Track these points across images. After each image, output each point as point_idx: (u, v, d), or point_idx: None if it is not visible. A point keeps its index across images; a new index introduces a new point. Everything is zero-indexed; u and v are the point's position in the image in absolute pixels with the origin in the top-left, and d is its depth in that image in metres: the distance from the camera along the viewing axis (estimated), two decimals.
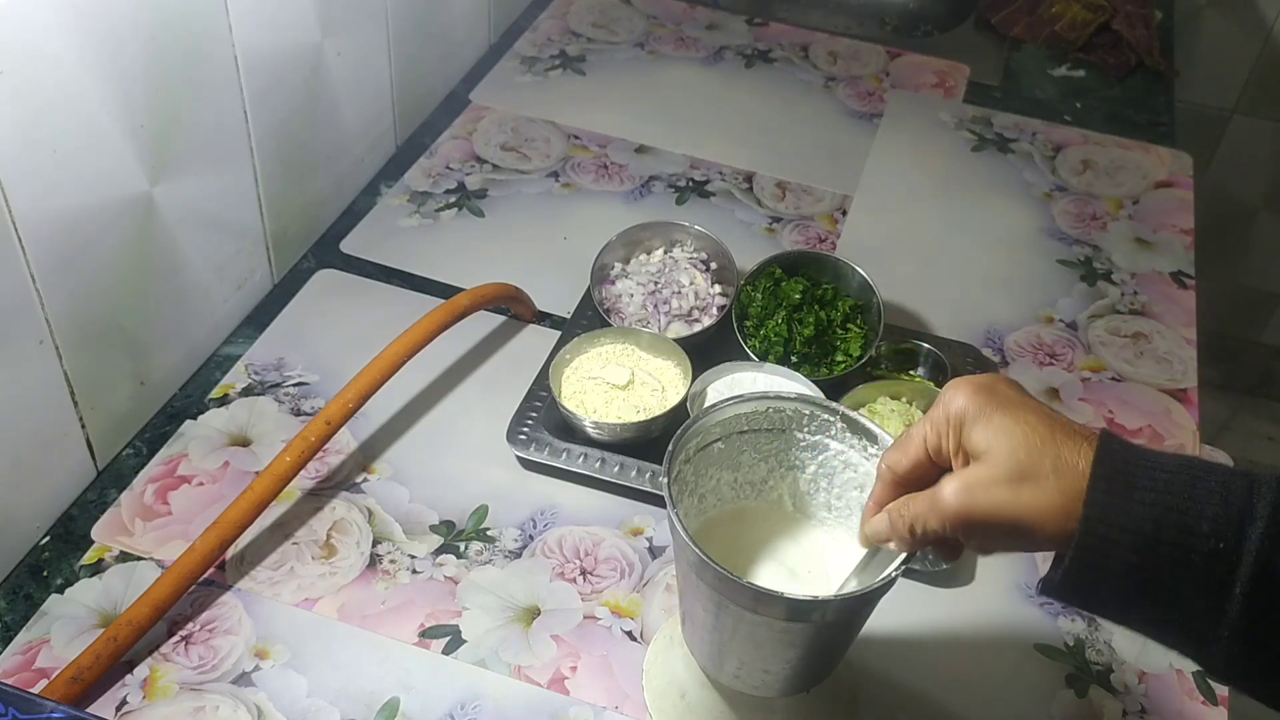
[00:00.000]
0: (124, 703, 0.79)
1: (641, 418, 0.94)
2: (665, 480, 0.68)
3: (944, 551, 0.65)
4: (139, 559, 0.87)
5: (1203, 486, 0.54)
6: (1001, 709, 0.83)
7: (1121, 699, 0.84)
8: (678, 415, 0.91)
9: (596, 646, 0.85)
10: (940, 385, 0.99)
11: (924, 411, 0.95)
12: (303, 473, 0.91)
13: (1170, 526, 0.53)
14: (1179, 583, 0.54)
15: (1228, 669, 0.55)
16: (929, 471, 0.63)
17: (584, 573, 0.89)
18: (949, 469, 0.62)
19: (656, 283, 1.05)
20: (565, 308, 1.10)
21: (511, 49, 1.46)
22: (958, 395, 0.60)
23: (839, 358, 1.00)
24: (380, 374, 0.92)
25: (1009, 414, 0.58)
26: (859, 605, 0.68)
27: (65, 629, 0.83)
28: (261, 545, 0.89)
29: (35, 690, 0.78)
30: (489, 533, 0.91)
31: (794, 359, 1.00)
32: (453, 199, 1.22)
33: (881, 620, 0.74)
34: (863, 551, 0.72)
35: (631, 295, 1.05)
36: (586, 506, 0.94)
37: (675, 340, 0.98)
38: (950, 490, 0.59)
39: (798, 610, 0.65)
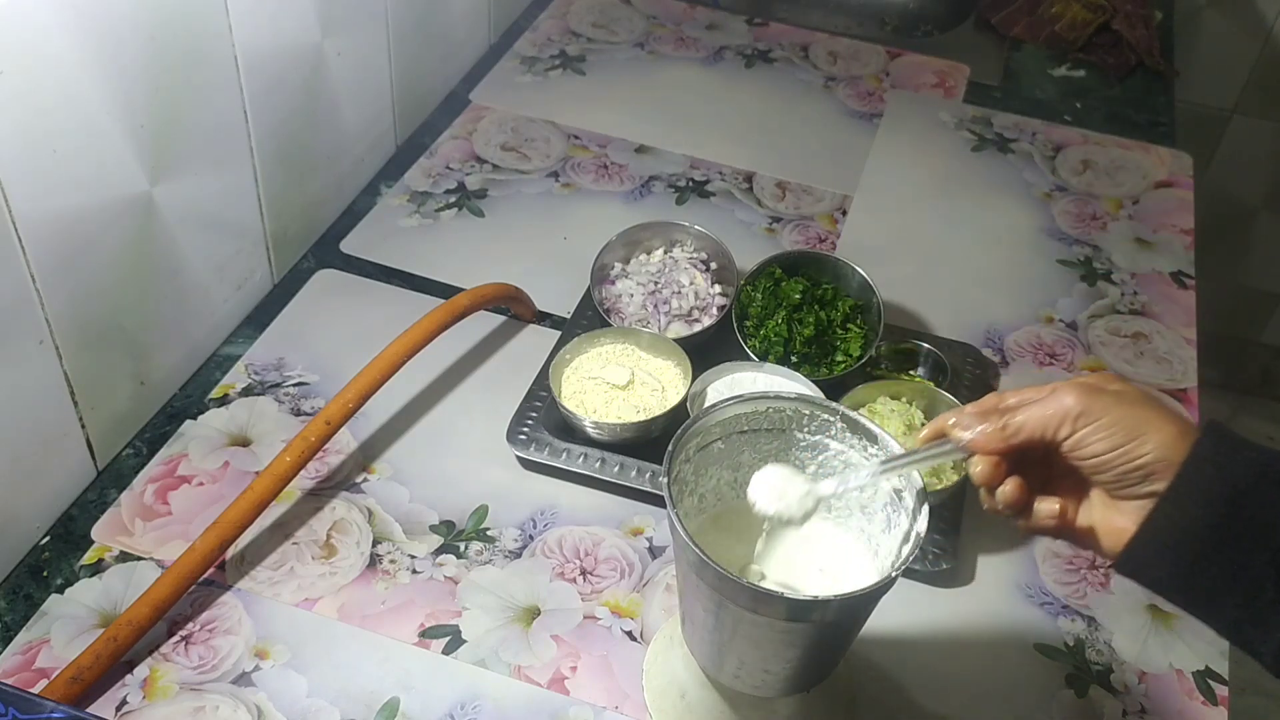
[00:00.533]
0: (124, 703, 0.79)
1: (641, 418, 0.94)
2: (665, 480, 0.68)
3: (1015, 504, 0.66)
4: (139, 559, 0.87)
5: None
6: (1001, 709, 0.83)
7: (1121, 699, 0.84)
8: (678, 415, 0.91)
9: (596, 646, 0.85)
10: (940, 385, 0.99)
11: (924, 411, 0.95)
12: (303, 473, 0.91)
13: (1269, 483, 0.57)
14: (1256, 551, 0.57)
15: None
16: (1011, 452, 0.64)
17: (584, 573, 0.89)
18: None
19: (656, 283, 1.05)
20: (565, 308, 1.10)
21: (511, 49, 1.46)
22: (1067, 392, 0.62)
23: (839, 358, 1.00)
24: (380, 374, 0.92)
25: (1114, 412, 0.62)
26: (859, 605, 0.68)
27: (65, 629, 0.83)
28: (261, 545, 0.89)
29: (35, 690, 0.78)
30: (489, 533, 0.91)
31: (794, 359, 1.00)
32: (453, 199, 1.22)
33: (881, 620, 0.74)
34: (864, 547, 0.73)
35: (631, 295, 1.05)
36: (586, 506, 0.94)
37: (675, 340, 0.98)
38: (1071, 388, 0.63)
39: (798, 610, 0.65)
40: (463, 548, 0.90)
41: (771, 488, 0.69)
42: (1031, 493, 0.65)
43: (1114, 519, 0.63)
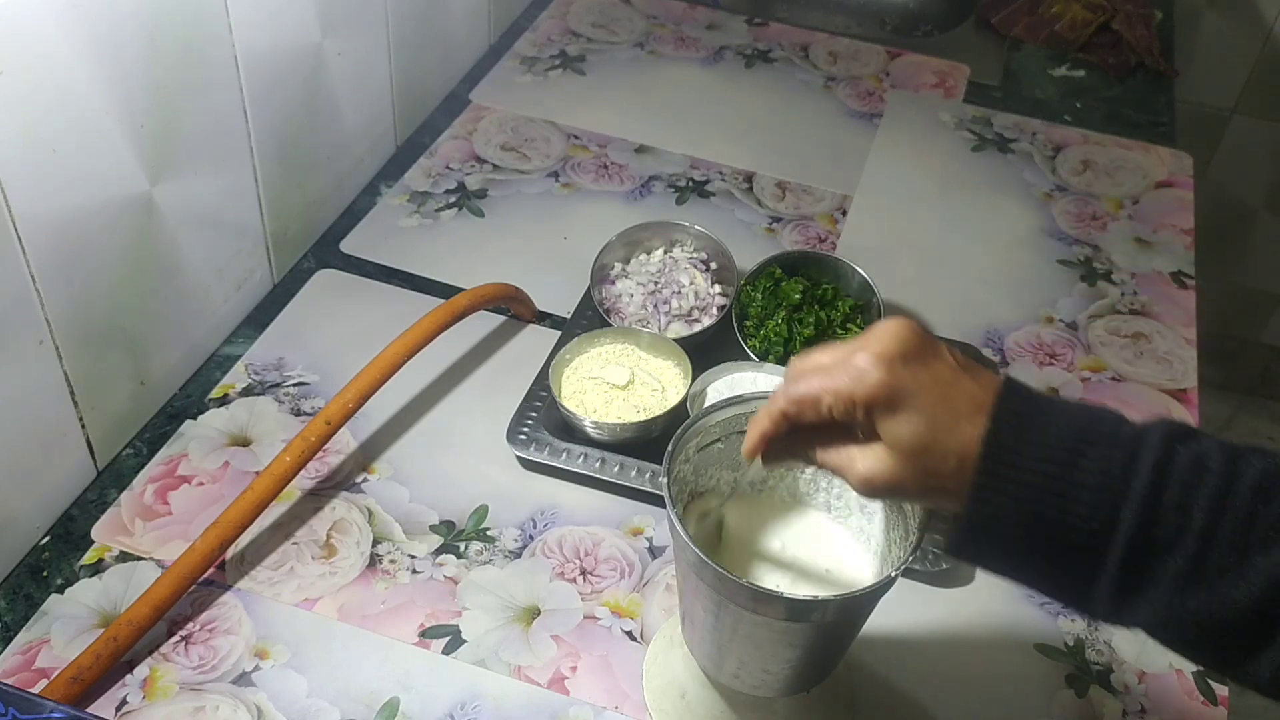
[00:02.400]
0: (124, 703, 0.79)
1: (641, 418, 0.94)
2: (665, 480, 0.68)
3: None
4: (139, 559, 0.87)
5: (1084, 465, 0.56)
6: (1001, 709, 0.83)
7: (1121, 699, 0.84)
8: (678, 415, 0.91)
9: (596, 646, 0.85)
10: None
11: None
12: (303, 473, 0.91)
13: (1050, 509, 0.56)
14: (1059, 557, 0.57)
15: (1110, 624, 0.60)
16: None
17: (584, 573, 0.89)
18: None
19: (656, 283, 1.05)
20: (565, 308, 1.10)
21: (511, 49, 1.46)
22: (870, 373, 0.59)
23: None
24: (380, 374, 0.92)
25: (914, 405, 0.59)
26: (859, 605, 0.68)
27: (65, 629, 0.83)
28: (261, 545, 0.89)
29: (35, 690, 0.78)
30: (489, 533, 0.91)
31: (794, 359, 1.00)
32: (453, 199, 1.22)
33: (881, 620, 0.74)
34: (864, 547, 0.72)
35: (631, 295, 1.05)
36: (586, 506, 0.94)
37: (675, 340, 0.98)
38: (862, 471, 0.61)
39: (798, 610, 0.65)
40: (463, 548, 0.90)
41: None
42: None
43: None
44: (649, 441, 0.94)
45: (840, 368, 0.60)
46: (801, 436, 0.64)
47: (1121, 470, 0.55)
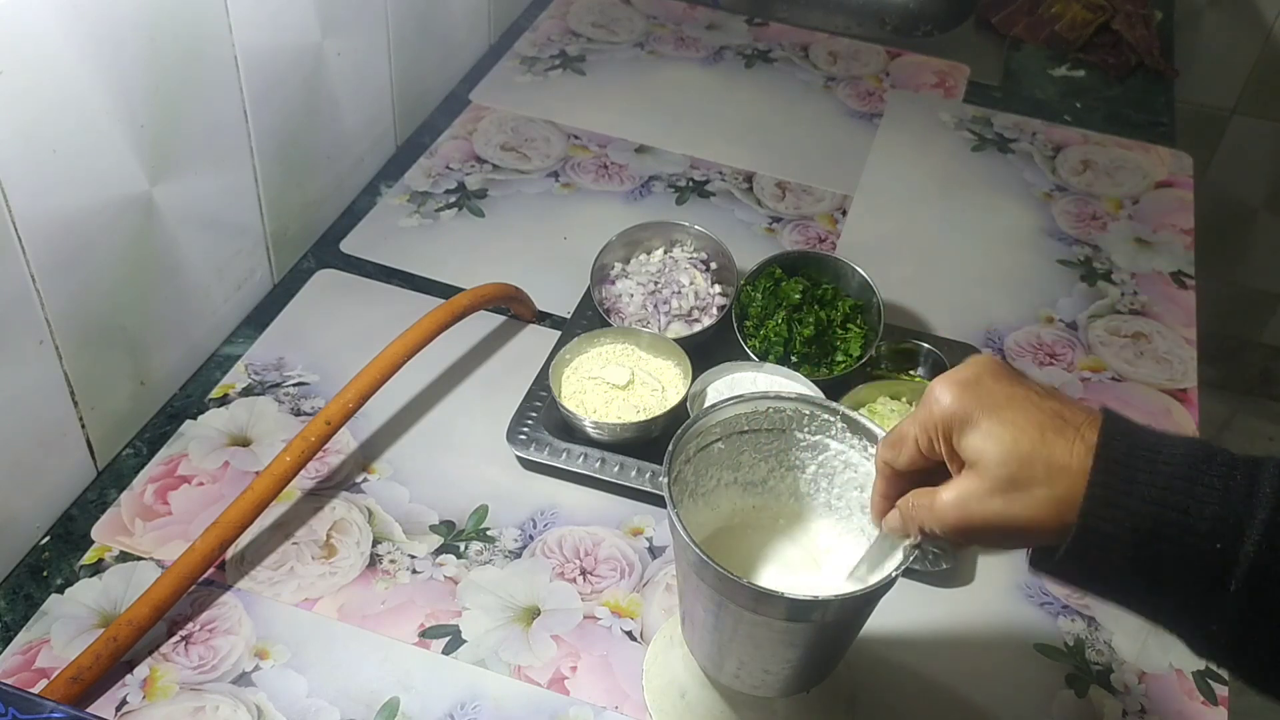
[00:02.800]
0: (124, 703, 0.79)
1: (641, 418, 0.94)
2: (665, 480, 0.68)
3: (955, 545, 0.66)
4: (139, 559, 0.87)
5: (1204, 484, 0.54)
6: (1001, 709, 0.83)
7: (1121, 699, 0.84)
8: (678, 415, 0.91)
9: (596, 646, 0.85)
10: None
11: None
12: (303, 473, 0.91)
13: (1169, 525, 0.53)
14: (1175, 578, 0.54)
15: (1221, 659, 0.57)
16: (926, 465, 0.63)
17: (584, 573, 0.89)
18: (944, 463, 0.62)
19: (656, 283, 1.05)
20: (565, 308, 1.10)
21: (511, 49, 1.46)
22: (943, 396, 0.59)
23: (839, 358, 1.00)
24: (380, 374, 0.92)
25: (996, 418, 0.58)
26: (859, 605, 0.68)
27: (65, 629, 0.83)
28: (261, 545, 0.89)
29: (35, 690, 0.78)
30: (489, 533, 0.91)
31: (794, 359, 1.00)
32: (453, 199, 1.22)
33: (881, 620, 0.74)
34: (865, 547, 0.72)
35: (631, 295, 1.05)
36: (586, 506, 0.94)
37: (675, 340, 0.98)
38: (946, 502, 0.60)
39: (798, 610, 0.65)
40: (463, 548, 0.90)
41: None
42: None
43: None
44: (649, 441, 0.94)
45: (921, 403, 0.61)
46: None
47: (1244, 490, 0.53)
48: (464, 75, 1.40)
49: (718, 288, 1.06)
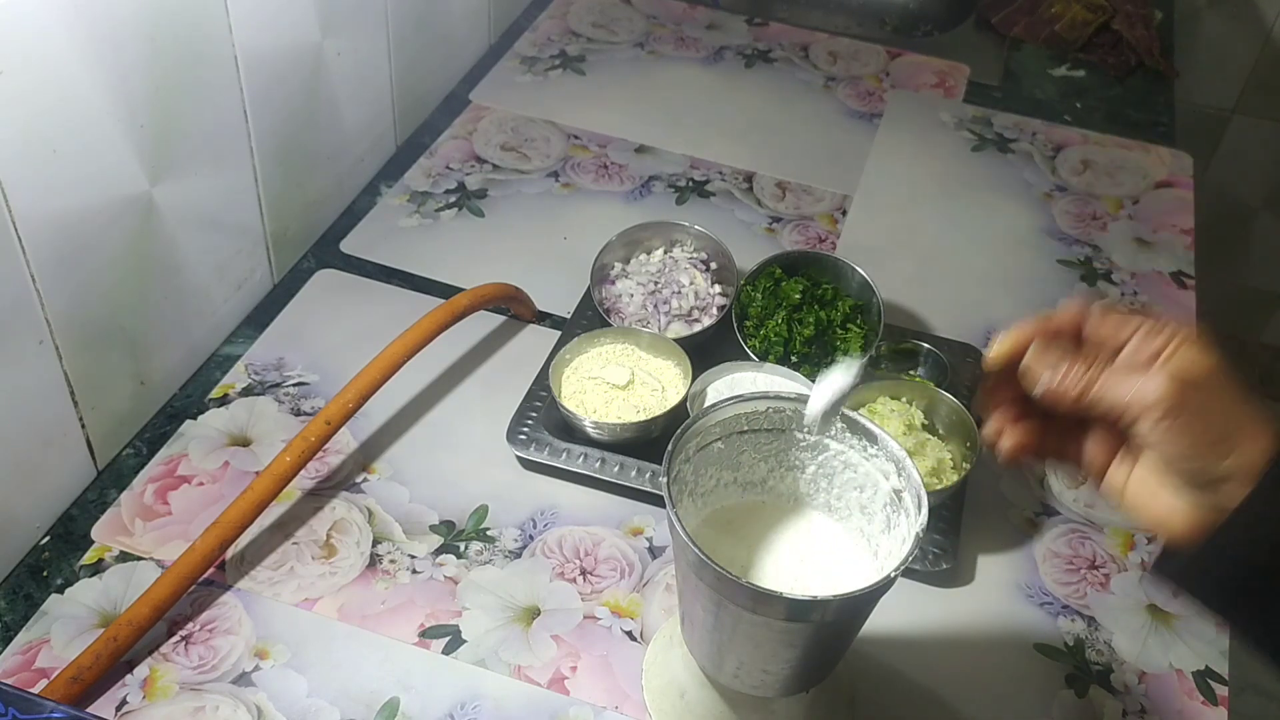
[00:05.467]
0: (124, 703, 0.79)
1: (641, 418, 0.94)
2: (665, 480, 0.68)
3: (1071, 449, 0.63)
4: (139, 559, 0.87)
5: None
6: (1001, 709, 0.83)
7: (1121, 699, 0.84)
8: (678, 415, 0.91)
9: (596, 646, 0.85)
10: (940, 385, 0.99)
11: (924, 412, 0.95)
12: (303, 473, 0.91)
13: None
14: None
15: None
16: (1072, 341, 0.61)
17: (584, 573, 0.89)
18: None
19: (656, 283, 1.05)
20: (565, 308, 1.10)
21: (511, 49, 1.46)
22: (1155, 387, 0.57)
23: (839, 358, 1.00)
24: (380, 374, 0.92)
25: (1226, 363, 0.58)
26: (859, 605, 0.68)
27: (65, 629, 0.83)
28: (261, 545, 0.89)
29: (35, 690, 0.78)
30: (489, 533, 0.91)
31: (794, 359, 1.00)
32: (453, 199, 1.22)
33: (881, 620, 0.74)
34: (864, 547, 0.72)
35: (631, 295, 1.05)
36: (586, 506, 0.94)
37: (675, 340, 0.98)
38: (1164, 376, 0.57)
39: (797, 610, 0.65)
40: (463, 548, 0.90)
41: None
42: (1052, 437, 0.62)
43: (1161, 493, 0.59)
44: (649, 441, 0.94)
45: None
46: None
47: None
48: (464, 75, 1.40)
49: (718, 288, 1.06)
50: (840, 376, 0.68)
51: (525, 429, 0.96)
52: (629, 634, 0.85)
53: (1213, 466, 0.56)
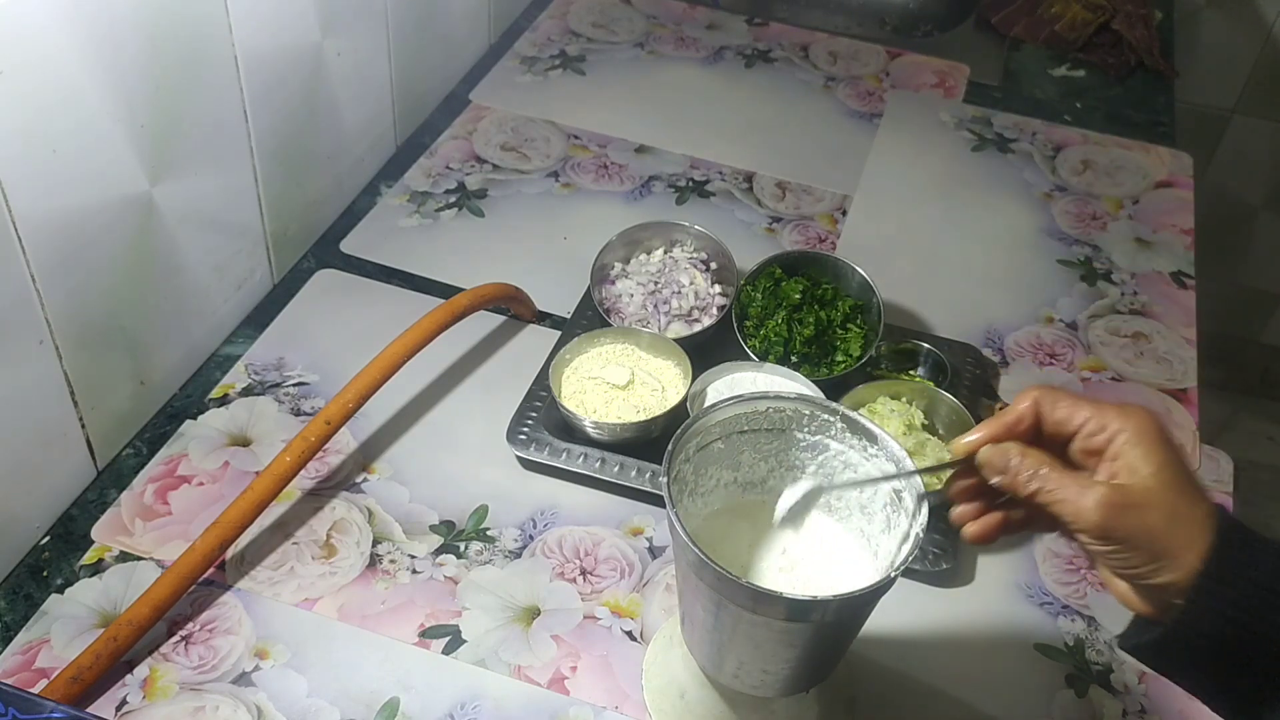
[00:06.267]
0: (124, 703, 0.79)
1: (641, 418, 0.94)
2: (665, 480, 0.68)
3: (1038, 523, 0.66)
4: (139, 559, 0.87)
5: None
6: (1001, 709, 0.83)
7: (1121, 699, 0.84)
8: (678, 415, 0.91)
9: (596, 646, 0.85)
10: (940, 385, 0.99)
11: (924, 412, 0.95)
12: (303, 473, 0.91)
13: (1264, 624, 0.57)
14: (1261, 667, 0.58)
15: None
16: (1054, 431, 0.64)
17: (584, 573, 0.89)
18: (1060, 449, 0.63)
19: (656, 283, 1.05)
20: (565, 308, 1.10)
21: (511, 49, 1.46)
22: (1133, 417, 0.61)
23: (839, 358, 1.00)
24: (380, 374, 0.92)
25: (1170, 453, 0.61)
26: (859, 605, 0.68)
27: (65, 629, 0.83)
28: (261, 545, 0.89)
29: (35, 690, 0.78)
30: (489, 533, 0.91)
31: (794, 359, 1.00)
32: (453, 199, 1.22)
33: (881, 620, 0.74)
34: (864, 547, 0.72)
35: (631, 295, 1.05)
36: (586, 506, 0.94)
37: (675, 340, 0.98)
38: (1096, 500, 0.60)
39: (797, 610, 0.65)
40: (463, 548, 0.90)
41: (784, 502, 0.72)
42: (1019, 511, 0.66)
43: (1115, 580, 0.63)
44: (649, 441, 0.94)
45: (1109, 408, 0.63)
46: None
47: None
48: (464, 75, 1.40)
49: (718, 288, 1.06)
50: (806, 483, 0.72)
51: (525, 429, 0.96)
52: (629, 634, 0.85)
53: (1150, 578, 0.60)
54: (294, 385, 1.01)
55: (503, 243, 1.17)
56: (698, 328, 1.03)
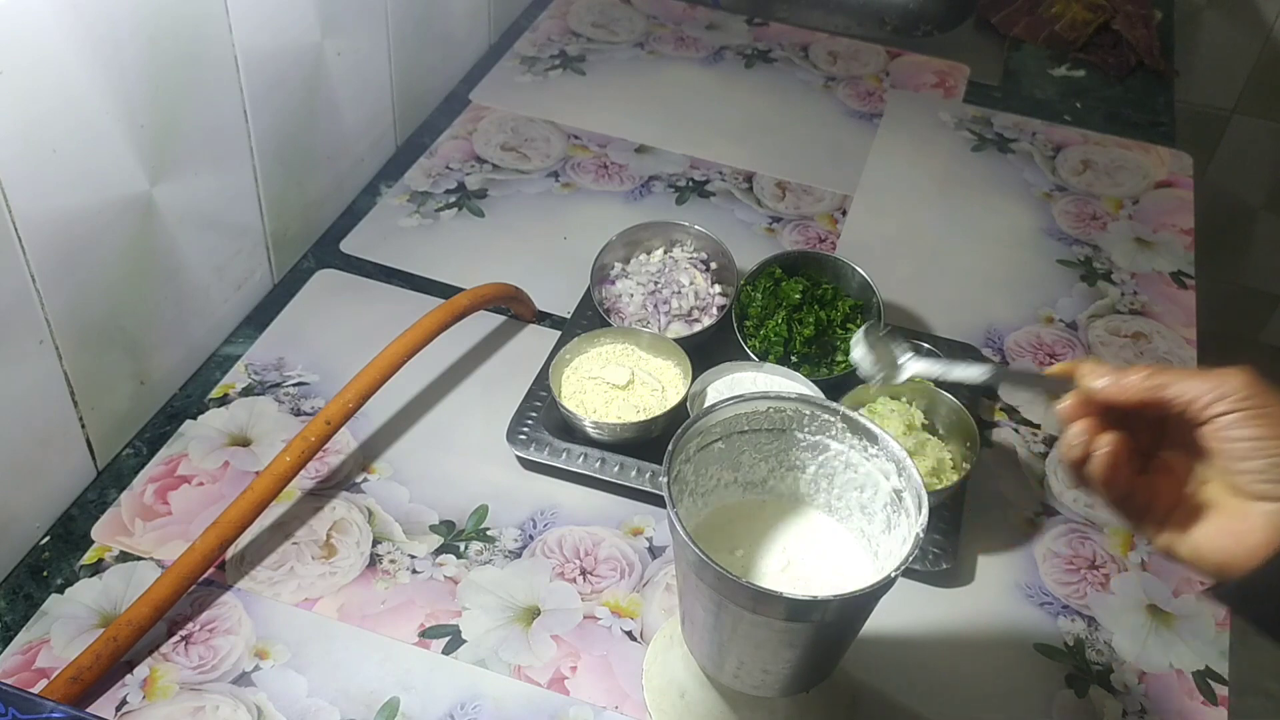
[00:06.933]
0: (124, 703, 0.79)
1: (641, 418, 0.94)
2: (665, 480, 0.68)
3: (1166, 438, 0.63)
4: (139, 559, 0.87)
5: None
6: (1001, 709, 0.83)
7: (1121, 699, 0.84)
8: (678, 415, 0.91)
9: (596, 646, 0.85)
10: (940, 386, 0.99)
11: (924, 412, 0.95)
12: (303, 473, 0.91)
13: None
14: None
15: None
16: (1149, 402, 0.61)
17: (584, 573, 0.89)
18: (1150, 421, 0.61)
19: (656, 283, 1.05)
20: (565, 308, 1.10)
21: (511, 49, 1.46)
22: (1231, 377, 0.59)
23: (839, 358, 1.00)
24: (380, 374, 0.92)
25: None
26: (859, 605, 0.68)
27: (65, 629, 0.83)
28: (261, 545, 0.89)
29: (35, 690, 0.78)
30: (489, 533, 0.91)
31: (794, 359, 1.00)
32: (453, 199, 1.22)
33: (881, 620, 0.74)
34: (864, 547, 0.72)
35: (631, 295, 1.05)
36: (586, 506, 0.94)
37: (675, 340, 0.98)
38: (1238, 368, 0.59)
39: (797, 610, 0.65)
40: (463, 548, 0.90)
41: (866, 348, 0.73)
42: (1127, 467, 0.61)
43: (1234, 523, 0.58)
44: (649, 441, 0.94)
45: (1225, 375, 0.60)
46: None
47: None
48: (464, 75, 1.40)
49: (718, 288, 1.06)
50: (866, 331, 0.75)
51: (525, 429, 0.96)
52: (629, 634, 0.85)
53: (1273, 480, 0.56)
54: (294, 385, 1.01)
55: (503, 243, 1.17)
56: (698, 328, 1.03)
